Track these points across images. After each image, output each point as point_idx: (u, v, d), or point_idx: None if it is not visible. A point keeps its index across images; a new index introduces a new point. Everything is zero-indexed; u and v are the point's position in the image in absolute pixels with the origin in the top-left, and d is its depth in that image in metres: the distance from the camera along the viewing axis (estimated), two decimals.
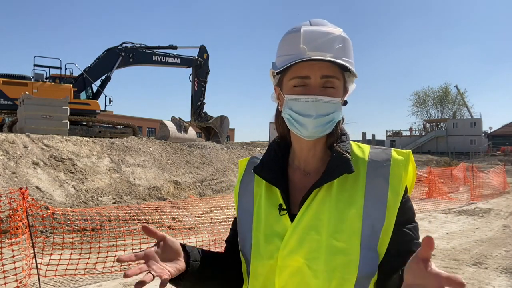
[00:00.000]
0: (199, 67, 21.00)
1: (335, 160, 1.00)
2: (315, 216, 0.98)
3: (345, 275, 0.94)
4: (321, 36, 0.96)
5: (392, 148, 1.05)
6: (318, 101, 0.96)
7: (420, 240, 0.98)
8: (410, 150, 1.05)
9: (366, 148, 1.07)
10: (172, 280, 0.95)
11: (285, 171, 1.10)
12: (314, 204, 0.99)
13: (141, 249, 0.92)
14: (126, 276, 0.83)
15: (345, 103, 1.06)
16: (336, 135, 1.05)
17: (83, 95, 18.93)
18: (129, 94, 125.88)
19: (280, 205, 1.03)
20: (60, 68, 18.85)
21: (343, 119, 1.09)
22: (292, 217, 1.01)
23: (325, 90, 0.98)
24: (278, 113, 1.10)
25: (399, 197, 0.98)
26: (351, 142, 1.08)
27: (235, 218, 1.19)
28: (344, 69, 1.00)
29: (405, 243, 0.97)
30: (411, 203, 1.02)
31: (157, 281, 0.83)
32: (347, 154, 1.00)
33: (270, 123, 41.40)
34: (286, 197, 1.04)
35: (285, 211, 1.01)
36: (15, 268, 3.88)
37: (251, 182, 1.13)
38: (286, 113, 1.02)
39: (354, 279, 0.94)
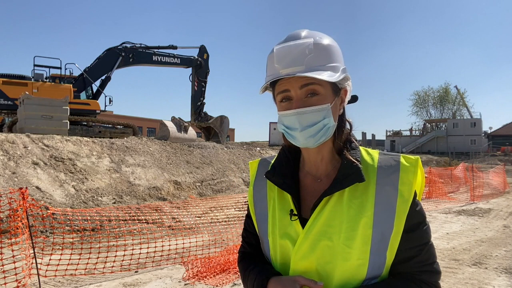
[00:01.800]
0: (199, 67, 20.99)
1: (345, 168, 1.02)
2: (327, 222, 1.01)
3: (355, 278, 0.98)
4: (290, 51, 0.98)
5: (401, 155, 1.07)
6: (300, 113, 0.99)
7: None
8: (419, 157, 1.07)
9: (375, 154, 1.08)
10: None
11: (296, 175, 1.13)
12: (325, 211, 1.01)
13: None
14: None
15: (354, 99, 1.10)
16: (340, 140, 1.07)
17: (83, 95, 18.92)
18: (129, 94, 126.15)
19: (291, 210, 1.06)
20: (60, 68, 18.86)
21: (351, 126, 1.11)
22: (303, 221, 1.04)
23: (308, 100, 0.99)
24: None
25: (408, 203, 1.00)
26: (361, 148, 1.10)
27: (247, 220, 1.25)
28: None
29: (413, 248, 1.02)
30: (420, 206, 1.05)
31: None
32: (358, 163, 1.03)
33: (270, 123, 41.45)
34: (297, 202, 1.07)
35: (296, 217, 1.05)
36: (15, 268, 3.88)
37: (264, 186, 1.16)
38: (281, 128, 1.06)
39: (362, 280, 0.99)
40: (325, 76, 0.96)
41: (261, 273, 1.07)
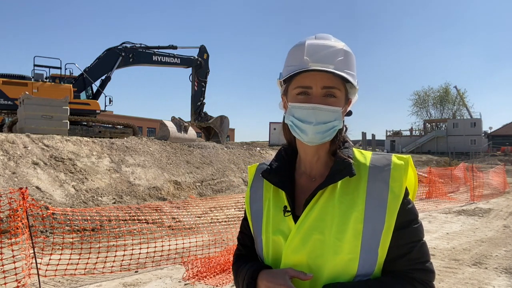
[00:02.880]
0: (199, 67, 20.99)
1: (338, 164, 1.06)
2: (319, 217, 1.03)
3: (345, 273, 1.00)
4: (323, 49, 1.02)
5: (393, 154, 1.11)
6: (318, 109, 1.02)
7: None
8: (410, 155, 1.10)
9: (368, 154, 1.12)
10: None
11: (292, 175, 1.16)
12: (317, 206, 1.04)
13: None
14: None
15: (349, 113, 1.14)
16: (338, 142, 1.11)
17: (83, 95, 18.92)
18: (129, 94, 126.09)
19: (285, 206, 1.09)
20: (60, 68, 18.85)
21: (346, 128, 1.15)
22: (296, 218, 1.06)
23: (326, 99, 1.04)
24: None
25: (399, 200, 1.03)
26: (354, 149, 1.14)
27: (243, 222, 1.28)
28: (345, 81, 1.05)
29: (405, 246, 1.03)
30: (412, 204, 1.07)
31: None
32: (349, 159, 1.06)
33: (270, 123, 41.48)
34: (292, 199, 1.10)
35: (289, 213, 1.07)
36: (15, 268, 3.88)
37: (260, 188, 1.20)
38: (289, 120, 1.08)
39: (353, 276, 1.00)
40: (352, 79, 1.03)
41: (252, 266, 1.10)
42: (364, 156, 1.11)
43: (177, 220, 7.45)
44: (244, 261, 1.20)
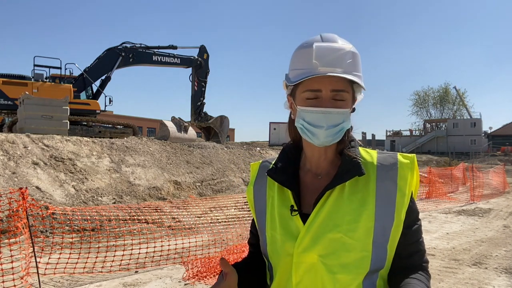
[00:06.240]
0: (199, 67, 21.00)
1: (346, 164, 1.08)
2: (329, 216, 1.05)
3: (358, 269, 1.02)
4: (332, 51, 1.03)
5: (398, 153, 1.13)
6: (329, 113, 1.04)
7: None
8: (415, 154, 1.12)
9: (374, 153, 1.15)
10: None
11: (296, 173, 1.18)
12: (327, 205, 1.06)
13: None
14: None
15: (353, 110, 1.15)
16: (346, 142, 1.13)
17: (83, 95, 18.92)
18: (129, 94, 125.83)
19: (292, 206, 1.10)
20: (60, 68, 18.85)
21: (351, 127, 1.17)
22: (303, 217, 1.09)
23: (335, 102, 1.05)
24: (291, 121, 1.18)
25: (407, 198, 1.07)
26: (360, 148, 1.16)
27: (253, 220, 1.29)
28: (352, 82, 1.07)
29: (413, 244, 1.09)
30: (415, 203, 1.12)
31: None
32: (357, 158, 1.08)
33: (270, 123, 41.48)
34: (298, 198, 1.12)
35: (296, 212, 1.09)
36: (12, 268, 3.88)
37: (264, 185, 1.21)
38: (299, 123, 1.09)
39: (366, 272, 1.03)
40: (360, 82, 1.05)
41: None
42: (370, 154, 1.13)
43: (177, 220, 7.45)
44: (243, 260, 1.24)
